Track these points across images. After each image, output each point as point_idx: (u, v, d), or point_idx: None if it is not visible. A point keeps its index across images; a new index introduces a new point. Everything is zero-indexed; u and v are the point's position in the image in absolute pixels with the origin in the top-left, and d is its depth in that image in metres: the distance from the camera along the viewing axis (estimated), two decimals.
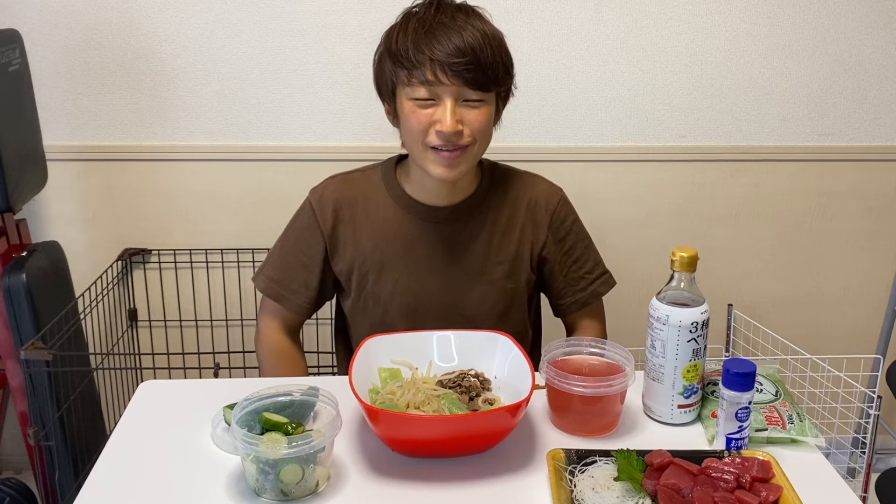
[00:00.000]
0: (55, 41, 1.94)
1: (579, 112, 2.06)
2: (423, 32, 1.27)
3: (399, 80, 1.30)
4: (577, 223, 1.51)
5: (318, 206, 1.45)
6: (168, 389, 1.32)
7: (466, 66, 1.26)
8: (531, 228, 1.46)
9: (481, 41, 1.27)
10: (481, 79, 1.28)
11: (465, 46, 1.25)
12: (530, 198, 1.46)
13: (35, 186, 1.84)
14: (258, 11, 1.95)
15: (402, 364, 1.23)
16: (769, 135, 2.12)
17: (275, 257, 1.50)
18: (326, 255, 1.46)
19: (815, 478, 1.07)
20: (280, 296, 1.48)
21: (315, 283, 1.47)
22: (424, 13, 1.30)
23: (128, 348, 2.11)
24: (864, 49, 2.06)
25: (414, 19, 1.30)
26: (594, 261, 1.52)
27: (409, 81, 1.29)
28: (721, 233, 2.19)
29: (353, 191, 1.46)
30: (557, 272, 1.50)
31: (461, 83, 1.27)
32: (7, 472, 2.20)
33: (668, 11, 2.00)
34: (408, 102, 1.30)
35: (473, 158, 1.35)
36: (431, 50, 1.25)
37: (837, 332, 2.29)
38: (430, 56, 1.25)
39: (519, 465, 1.09)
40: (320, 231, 1.45)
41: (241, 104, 2.01)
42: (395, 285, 1.43)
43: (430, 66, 1.26)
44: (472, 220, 1.44)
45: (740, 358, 1.13)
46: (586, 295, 1.51)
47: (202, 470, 1.08)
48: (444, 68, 1.26)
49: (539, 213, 1.46)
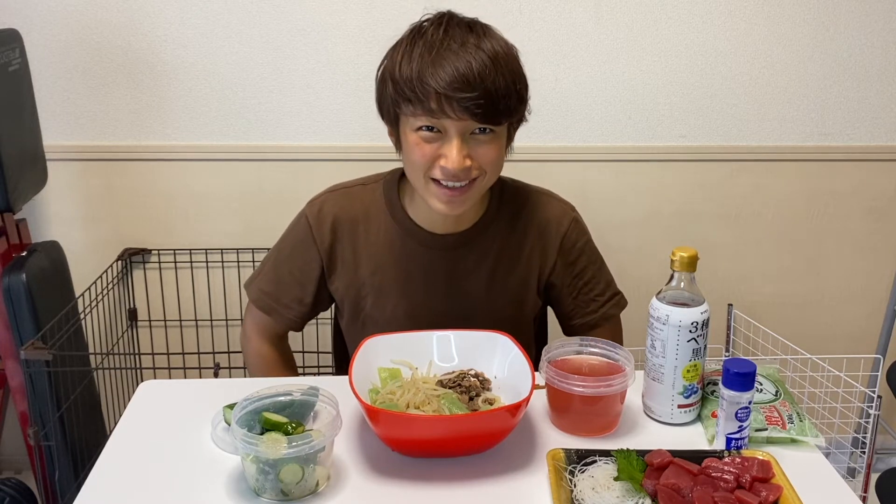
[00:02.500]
0: (55, 41, 1.94)
1: (579, 112, 2.06)
2: (430, 60, 1.15)
3: (402, 109, 1.20)
4: (588, 244, 1.43)
5: (316, 222, 1.38)
6: (168, 389, 1.32)
7: (475, 101, 1.14)
8: (539, 252, 1.40)
9: (492, 69, 1.15)
10: (491, 112, 1.16)
11: (474, 77, 1.13)
12: (540, 220, 1.39)
13: (35, 186, 1.84)
14: (258, 11, 1.95)
15: (402, 364, 1.23)
16: (769, 135, 2.12)
17: (268, 268, 1.44)
18: (322, 273, 1.40)
19: (815, 478, 1.07)
20: (271, 309, 1.43)
21: (309, 300, 1.41)
22: (432, 35, 1.17)
23: (128, 348, 2.11)
24: (864, 49, 2.06)
25: (421, 42, 1.17)
26: (605, 282, 1.46)
27: (413, 112, 1.18)
28: (721, 233, 2.19)
29: (353, 208, 1.38)
30: (566, 295, 1.44)
31: (469, 117, 1.16)
32: (7, 472, 2.20)
33: (668, 11, 2.00)
34: (412, 134, 1.21)
35: (480, 191, 1.27)
36: (437, 81, 1.14)
37: (837, 332, 2.29)
38: (436, 88, 1.14)
39: (519, 465, 1.09)
40: (317, 248, 1.38)
41: (241, 104, 2.01)
42: (394, 310, 1.38)
43: (435, 98, 1.15)
44: (478, 248, 1.37)
45: (740, 358, 1.13)
46: (597, 317, 1.45)
47: (202, 470, 1.08)
48: (450, 102, 1.14)
49: (549, 236, 1.39)
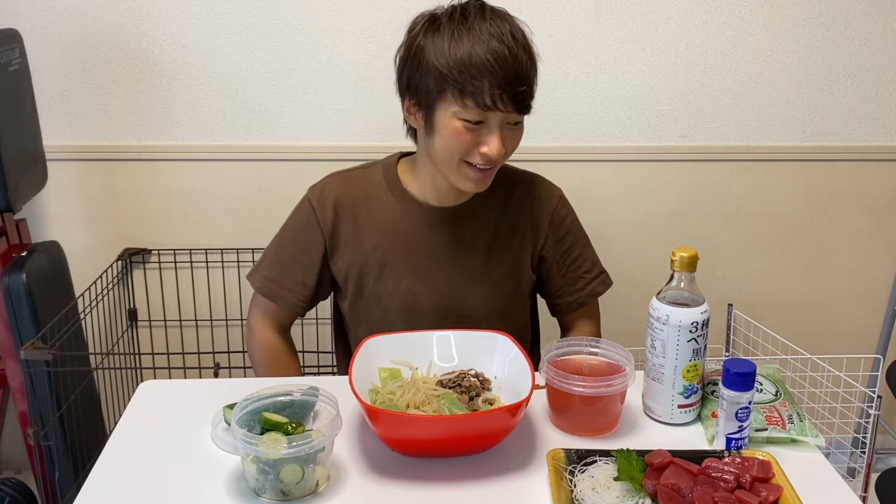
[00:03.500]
0: (55, 41, 1.94)
1: (579, 112, 2.06)
2: (482, 53, 1.22)
3: (444, 96, 1.26)
4: (575, 222, 1.50)
5: (318, 204, 1.43)
6: (168, 389, 1.32)
7: (524, 95, 1.25)
8: (532, 228, 1.46)
9: (529, 64, 1.26)
10: (530, 104, 1.29)
11: (523, 73, 1.24)
12: (532, 197, 1.46)
13: (35, 186, 1.84)
14: (258, 11, 1.95)
15: (402, 364, 1.23)
16: (769, 135, 2.12)
17: (271, 255, 1.49)
18: (325, 254, 1.44)
19: (815, 478, 1.07)
20: (276, 294, 1.46)
21: (312, 282, 1.45)
22: (478, 24, 1.24)
23: (128, 348, 2.11)
24: (863, 49, 2.06)
25: (465, 30, 1.23)
26: (592, 260, 1.52)
27: (463, 103, 1.24)
28: (721, 233, 2.19)
29: (353, 188, 1.44)
30: (555, 271, 1.49)
31: (514, 111, 1.26)
32: (7, 472, 2.20)
33: (668, 11, 2.00)
34: (454, 121, 1.26)
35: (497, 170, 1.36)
36: (494, 75, 1.22)
37: (837, 332, 2.29)
38: (492, 82, 1.22)
39: (519, 465, 1.09)
40: (320, 229, 1.43)
41: (241, 104, 2.01)
42: (396, 285, 1.43)
43: (489, 91, 1.22)
44: (475, 221, 1.43)
45: (740, 358, 1.13)
46: (584, 295, 1.50)
47: (202, 470, 1.08)
48: (503, 97, 1.23)
49: (540, 212, 1.46)
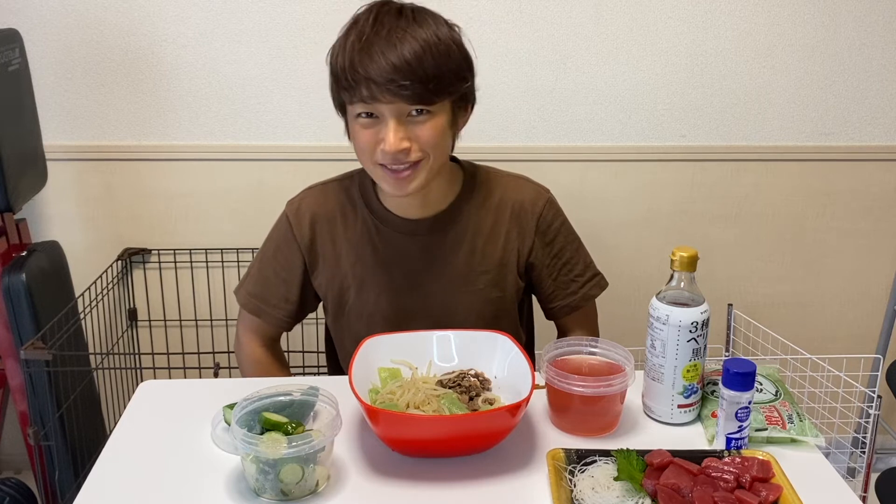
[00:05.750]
0: (55, 41, 1.94)
1: (578, 112, 2.06)
2: (359, 49, 1.21)
3: (342, 99, 1.27)
4: (565, 225, 1.46)
5: (296, 220, 1.42)
6: (168, 389, 1.32)
7: (402, 85, 1.19)
8: (517, 234, 1.42)
9: (420, 52, 1.20)
10: (422, 92, 1.21)
11: (401, 62, 1.19)
12: (515, 202, 1.42)
13: (35, 186, 1.84)
14: (258, 11, 1.95)
15: (402, 364, 1.23)
16: (769, 135, 2.12)
17: (254, 272, 1.47)
18: (306, 269, 1.43)
19: (815, 478, 1.07)
20: (260, 310, 1.45)
21: (295, 297, 1.44)
22: (363, 24, 1.23)
23: (128, 348, 2.11)
24: (863, 49, 2.06)
25: (354, 32, 1.23)
26: (584, 263, 1.48)
27: (350, 100, 1.25)
28: (721, 233, 2.19)
29: (329, 203, 1.42)
30: (546, 276, 1.46)
31: (400, 101, 1.21)
32: (7, 472, 2.20)
33: (668, 11, 2.00)
34: (354, 122, 1.27)
35: (429, 172, 1.29)
36: (366, 69, 1.19)
37: (837, 332, 2.29)
38: (365, 75, 1.19)
39: (519, 465, 1.09)
40: (298, 246, 1.42)
41: (241, 104, 2.01)
42: (377, 299, 1.41)
43: (365, 84, 1.20)
44: (453, 230, 1.40)
45: (740, 358, 1.13)
46: (577, 298, 1.48)
47: (202, 470, 1.08)
48: (379, 87, 1.19)
49: (525, 217, 1.42)
